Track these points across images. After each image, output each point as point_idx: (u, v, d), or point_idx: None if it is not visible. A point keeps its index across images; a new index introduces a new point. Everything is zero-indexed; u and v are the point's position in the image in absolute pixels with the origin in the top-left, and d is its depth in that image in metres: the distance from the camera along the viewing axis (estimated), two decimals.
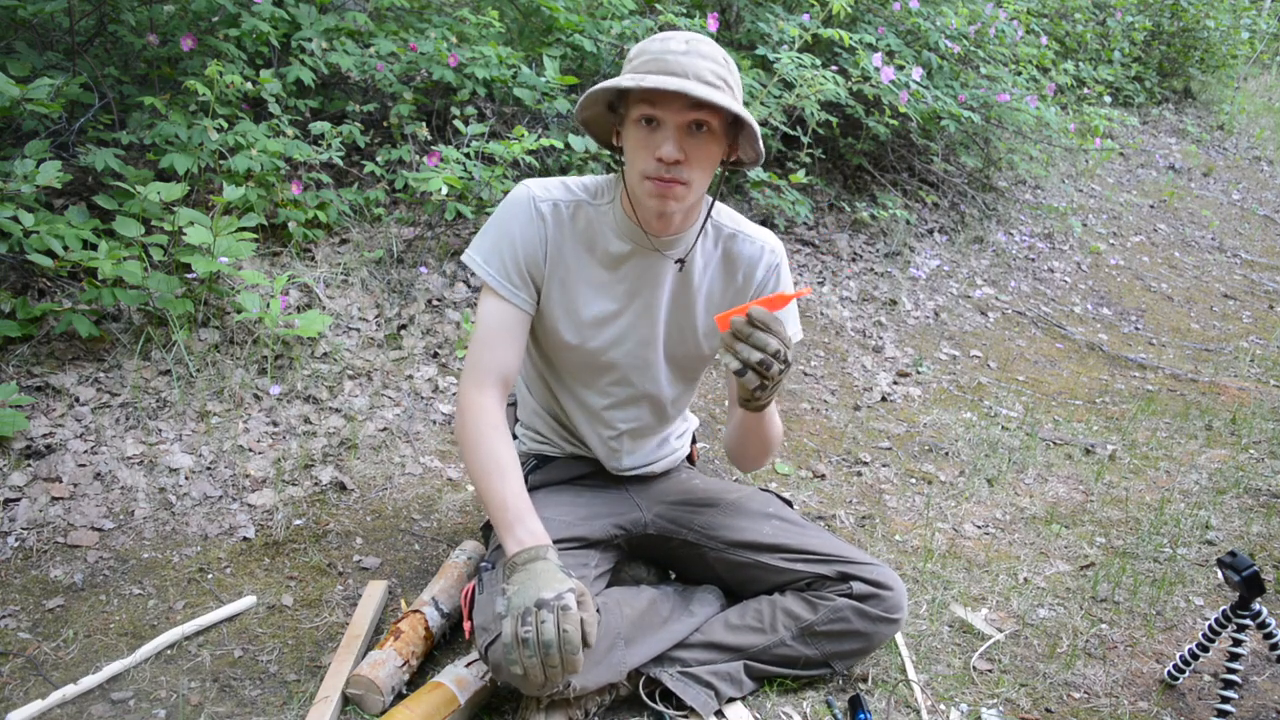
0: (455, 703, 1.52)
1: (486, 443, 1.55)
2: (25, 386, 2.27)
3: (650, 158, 1.49)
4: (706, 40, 1.50)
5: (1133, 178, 6.67)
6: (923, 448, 2.89)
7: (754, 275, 1.71)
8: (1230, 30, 8.00)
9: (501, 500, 1.51)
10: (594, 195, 1.65)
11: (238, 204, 2.76)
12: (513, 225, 1.61)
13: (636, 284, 1.66)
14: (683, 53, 1.46)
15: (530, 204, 1.61)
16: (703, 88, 1.42)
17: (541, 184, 1.64)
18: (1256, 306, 5.00)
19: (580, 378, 1.74)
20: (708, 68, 1.46)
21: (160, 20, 3.08)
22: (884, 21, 4.42)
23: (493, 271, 1.60)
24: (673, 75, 1.43)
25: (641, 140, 1.49)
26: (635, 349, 1.70)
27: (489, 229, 1.63)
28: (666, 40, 1.48)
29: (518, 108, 3.55)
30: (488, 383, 1.59)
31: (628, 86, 1.43)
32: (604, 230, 1.63)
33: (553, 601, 1.36)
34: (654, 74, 1.44)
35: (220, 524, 2.09)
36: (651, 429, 1.84)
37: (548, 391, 1.80)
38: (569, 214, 1.63)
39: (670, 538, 1.82)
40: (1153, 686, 1.83)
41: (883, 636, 1.70)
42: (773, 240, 1.73)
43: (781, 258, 1.73)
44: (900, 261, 4.37)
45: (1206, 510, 2.60)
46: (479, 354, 1.61)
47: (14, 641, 1.69)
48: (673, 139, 1.47)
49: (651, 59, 1.46)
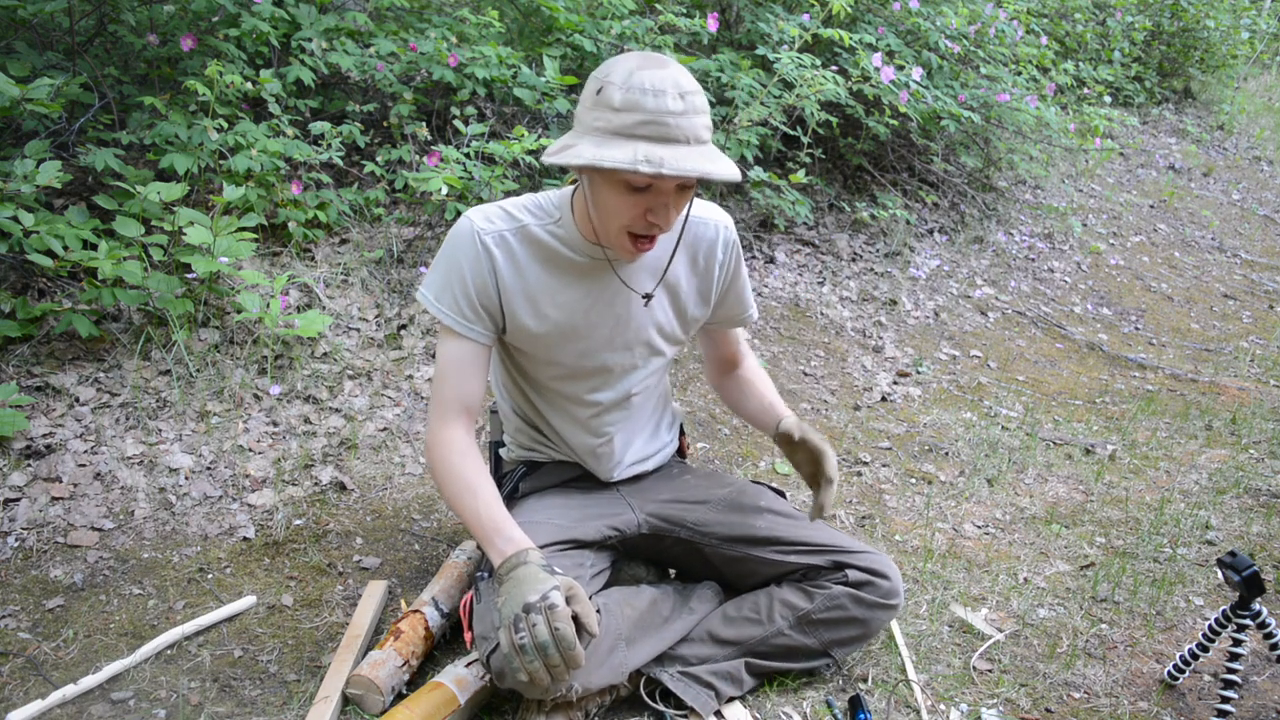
0: (455, 703, 1.52)
1: (455, 468, 1.58)
2: (25, 386, 2.27)
3: (638, 217, 1.46)
4: (685, 75, 1.42)
5: (1133, 178, 6.67)
6: (923, 448, 2.89)
7: (714, 256, 1.71)
8: (1230, 30, 8.00)
9: (476, 516, 1.54)
10: (539, 215, 1.61)
11: (238, 204, 2.76)
12: (460, 260, 1.58)
13: (606, 292, 1.65)
14: (680, 113, 1.38)
15: (474, 238, 1.57)
16: (714, 164, 1.39)
17: (483, 214, 1.60)
18: (1256, 306, 5.01)
19: (563, 389, 1.73)
20: (702, 124, 1.41)
21: (160, 20, 3.09)
22: (884, 21, 4.42)
23: (445, 309, 1.59)
24: (675, 143, 1.38)
25: (626, 201, 1.45)
26: (617, 354, 1.70)
27: (438, 266, 1.61)
28: (661, 96, 1.37)
29: (518, 108, 3.55)
30: (451, 416, 1.60)
31: (646, 173, 1.36)
32: (556, 246, 1.61)
33: (538, 603, 1.38)
34: (656, 143, 1.38)
35: (220, 524, 2.09)
36: (639, 426, 1.84)
37: (530, 406, 1.80)
38: (516, 239, 1.59)
39: (664, 536, 1.82)
40: (1153, 686, 1.83)
41: (880, 623, 1.71)
42: (722, 215, 1.73)
43: (734, 231, 1.73)
44: (900, 261, 4.37)
45: (1206, 510, 2.60)
46: (441, 390, 1.61)
47: (14, 641, 1.69)
48: (669, 206, 1.45)
49: (649, 121, 1.37)
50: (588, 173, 1.49)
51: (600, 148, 1.39)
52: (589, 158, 1.38)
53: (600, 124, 1.40)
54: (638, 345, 1.71)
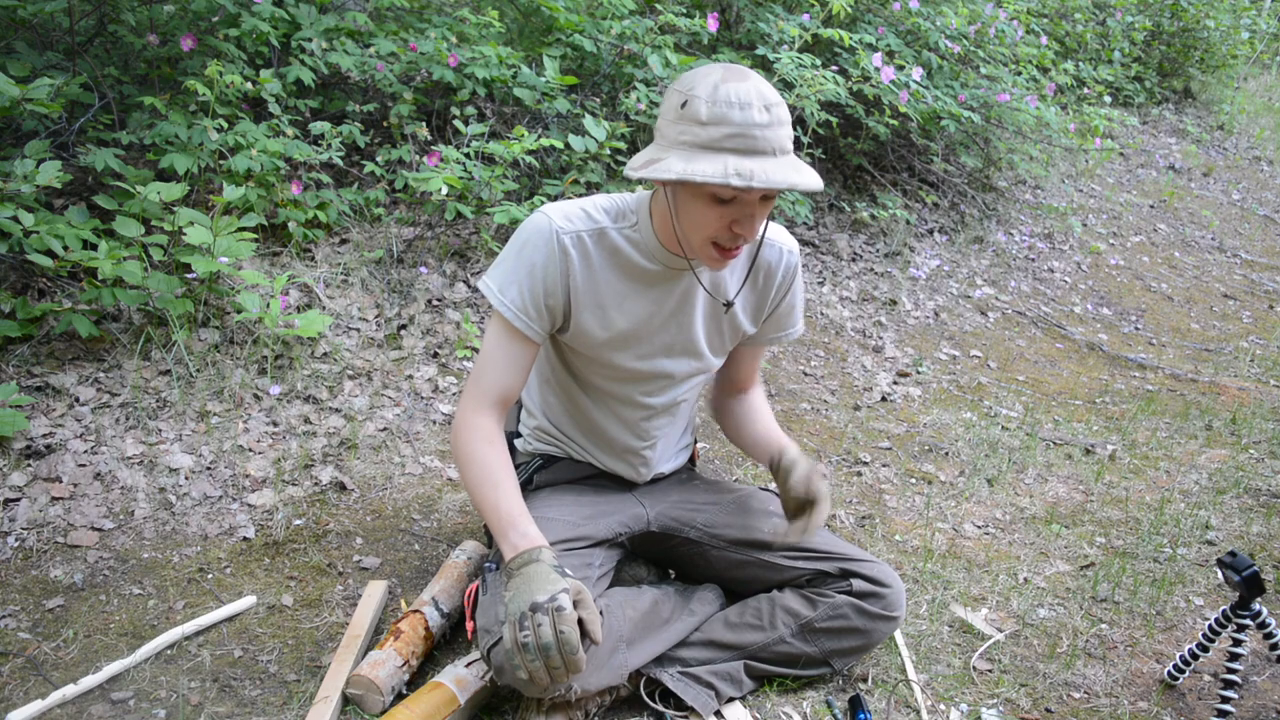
0: (455, 703, 1.52)
1: (479, 455, 1.57)
2: (25, 386, 2.27)
3: (722, 228, 1.46)
4: (768, 85, 1.42)
5: (1133, 178, 6.67)
6: (923, 448, 2.89)
7: (774, 278, 1.72)
8: (1230, 30, 7.99)
9: (495, 508, 1.53)
10: (617, 219, 1.61)
11: (238, 204, 2.76)
12: (534, 257, 1.57)
13: (671, 301, 1.65)
14: (766, 124, 1.38)
15: (553, 236, 1.56)
16: (800, 175, 1.39)
17: (563, 213, 1.58)
18: (1256, 306, 5.00)
19: (616, 390, 1.73)
20: (786, 135, 1.41)
21: (160, 20, 3.09)
22: (884, 21, 4.42)
23: (508, 302, 1.57)
24: (762, 155, 1.38)
25: (714, 212, 1.45)
26: (673, 360, 1.71)
27: (507, 257, 1.59)
28: (748, 109, 1.37)
29: (518, 108, 3.55)
30: (486, 403, 1.60)
31: (738, 186, 1.35)
32: (632, 254, 1.61)
33: (546, 604, 1.37)
34: (745, 156, 1.38)
35: (220, 524, 2.09)
36: (676, 431, 1.86)
37: (570, 403, 1.79)
38: (594, 242, 1.59)
39: (672, 536, 1.82)
40: (1153, 686, 1.83)
41: (881, 635, 1.71)
42: (790, 241, 1.74)
43: (798, 258, 1.74)
44: (900, 261, 4.37)
45: (1206, 510, 2.60)
46: (482, 373, 1.61)
47: (14, 641, 1.69)
48: (755, 217, 1.45)
49: (737, 134, 1.37)
50: (673, 185, 1.49)
51: (689, 162, 1.39)
52: (679, 172, 1.38)
53: (687, 138, 1.40)
54: (693, 354, 1.71)
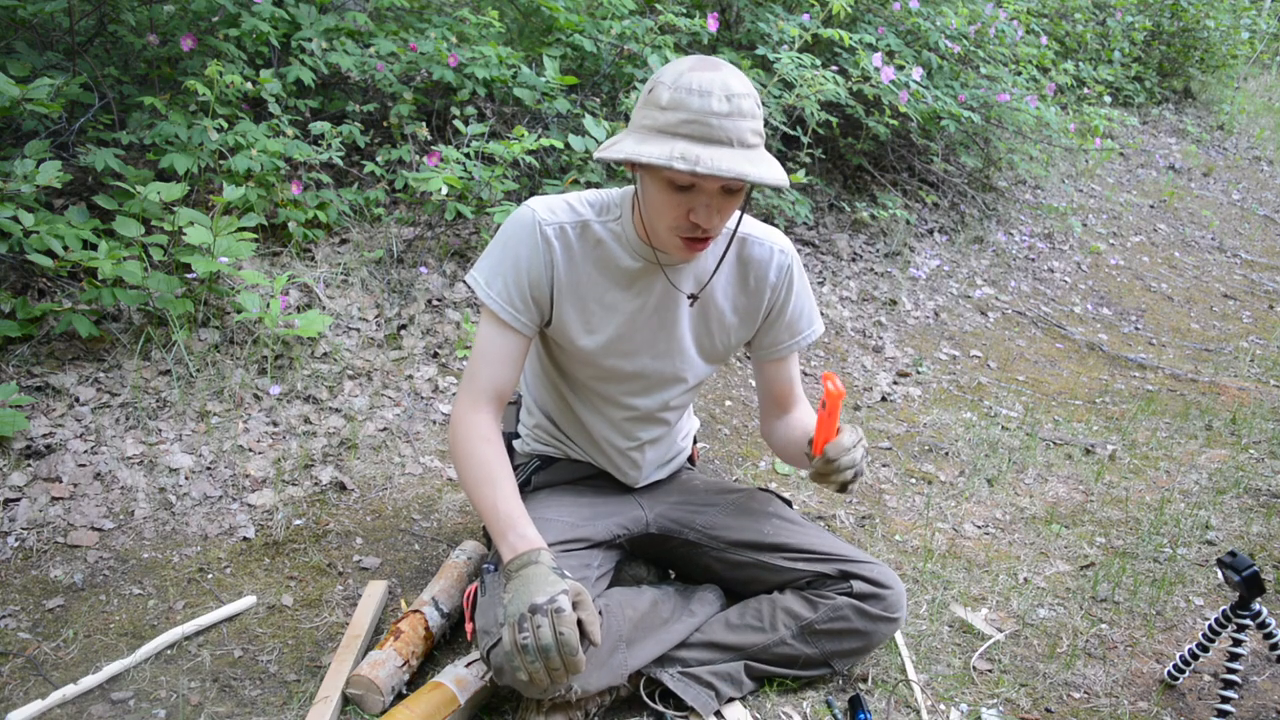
0: (455, 703, 1.52)
1: (478, 454, 1.57)
2: (25, 386, 2.27)
3: (681, 218, 1.46)
4: (737, 78, 1.41)
5: (1133, 178, 6.67)
6: (923, 448, 2.89)
7: (766, 278, 1.70)
8: (1230, 30, 7.99)
9: (493, 508, 1.53)
10: (601, 212, 1.61)
11: (238, 204, 2.76)
12: (518, 249, 1.57)
13: (653, 298, 1.65)
14: (725, 114, 1.37)
15: (535, 228, 1.57)
16: (755, 167, 1.37)
17: (546, 205, 1.59)
18: (1256, 306, 5.00)
19: (600, 389, 1.73)
20: (748, 127, 1.40)
21: (160, 20, 3.09)
22: (884, 21, 4.42)
23: (494, 295, 1.58)
24: (718, 145, 1.37)
25: (671, 199, 1.45)
26: (657, 360, 1.70)
27: (492, 251, 1.60)
28: (706, 97, 1.37)
29: (518, 108, 3.55)
30: (482, 400, 1.60)
31: (681, 170, 1.34)
32: (614, 248, 1.61)
33: (545, 605, 1.37)
34: (697, 142, 1.37)
35: (220, 524, 2.09)
36: (666, 434, 1.85)
37: (562, 402, 1.79)
38: (576, 235, 1.59)
39: (671, 537, 1.82)
40: (1153, 686, 1.83)
41: (882, 636, 1.70)
42: (782, 240, 1.71)
43: (793, 258, 1.71)
44: (900, 261, 4.37)
45: (1206, 510, 2.60)
46: (476, 371, 1.61)
47: (14, 641, 1.69)
48: (711, 207, 1.44)
49: (692, 121, 1.37)
50: (637, 170, 1.50)
51: (640, 144, 1.40)
52: (627, 152, 1.39)
53: (646, 121, 1.41)
54: (677, 355, 1.70)
